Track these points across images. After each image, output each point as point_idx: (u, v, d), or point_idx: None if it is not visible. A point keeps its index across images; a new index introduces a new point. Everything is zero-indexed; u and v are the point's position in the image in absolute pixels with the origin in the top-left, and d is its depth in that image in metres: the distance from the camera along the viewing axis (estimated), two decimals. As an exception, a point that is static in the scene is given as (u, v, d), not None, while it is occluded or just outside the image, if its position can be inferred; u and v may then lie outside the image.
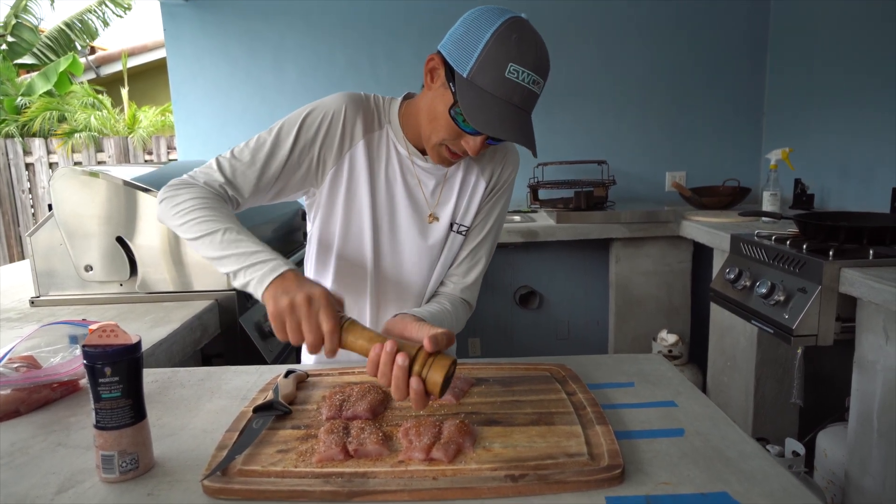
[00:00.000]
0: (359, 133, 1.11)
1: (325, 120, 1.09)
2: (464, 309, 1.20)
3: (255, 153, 1.07)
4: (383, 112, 1.15)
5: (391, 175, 1.14)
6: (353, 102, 1.11)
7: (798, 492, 0.69)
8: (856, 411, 1.64)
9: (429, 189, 1.16)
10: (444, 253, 1.20)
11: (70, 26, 7.53)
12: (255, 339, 1.68)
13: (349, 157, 1.11)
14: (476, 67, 0.95)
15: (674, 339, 2.70)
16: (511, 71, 0.93)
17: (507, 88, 0.94)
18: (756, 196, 2.98)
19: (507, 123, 0.96)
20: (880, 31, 2.29)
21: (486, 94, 0.95)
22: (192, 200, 0.98)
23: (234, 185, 1.06)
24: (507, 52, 0.93)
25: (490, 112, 0.95)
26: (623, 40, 3.05)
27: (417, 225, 1.16)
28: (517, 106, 0.96)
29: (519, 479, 0.69)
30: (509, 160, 1.21)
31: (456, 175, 1.18)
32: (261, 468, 0.73)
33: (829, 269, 1.63)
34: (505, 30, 0.94)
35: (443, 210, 1.17)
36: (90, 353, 0.72)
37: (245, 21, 2.99)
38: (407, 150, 1.14)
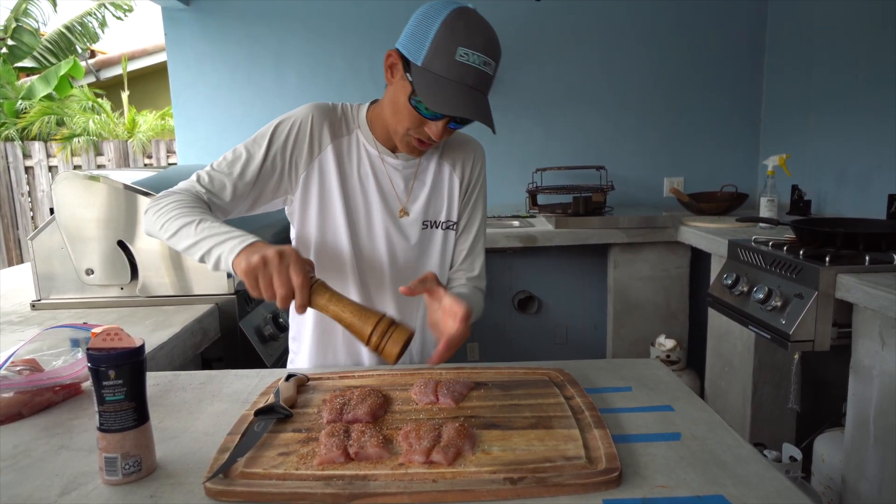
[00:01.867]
0: (326, 139, 1.18)
1: (294, 128, 1.16)
2: (478, 297, 1.27)
3: (233, 163, 1.14)
4: (351, 118, 1.22)
5: (363, 174, 1.21)
6: (319, 111, 1.18)
7: (793, 495, 0.70)
8: (852, 416, 1.65)
9: (400, 186, 1.23)
10: (433, 250, 1.26)
11: (70, 29, 7.55)
12: (254, 342, 1.69)
13: (318, 161, 1.18)
14: (429, 55, 1.02)
15: (671, 344, 2.70)
16: (461, 54, 1.00)
17: (459, 71, 1.01)
18: (753, 202, 3.00)
19: (462, 103, 1.02)
20: (878, 38, 2.31)
21: (440, 79, 1.02)
22: (172, 204, 1.05)
23: (214, 192, 1.12)
24: (455, 37, 1.00)
25: (445, 94, 1.02)
26: (621, 46, 3.07)
27: (390, 219, 1.22)
28: (471, 86, 1.02)
29: (517, 482, 0.70)
30: (477, 155, 1.30)
31: (427, 172, 1.25)
32: (262, 470, 0.74)
33: (825, 275, 1.64)
34: (452, 18, 1.01)
35: (414, 205, 1.24)
36: (94, 356, 0.72)
37: (245, 26, 3.00)
38: (377, 149, 1.21)
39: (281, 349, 1.83)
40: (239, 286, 1.70)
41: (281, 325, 1.83)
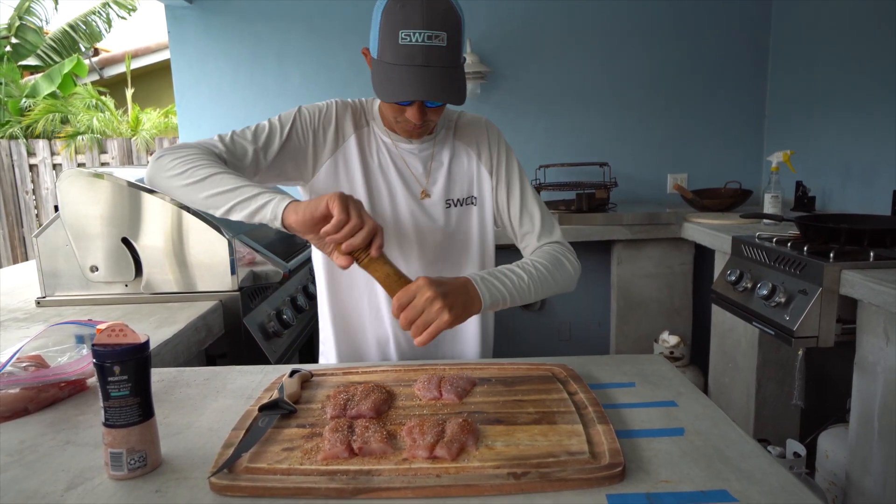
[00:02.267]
0: (350, 130, 1.22)
1: (319, 116, 1.20)
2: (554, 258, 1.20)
3: (257, 134, 1.16)
4: (368, 111, 1.25)
5: (383, 162, 1.23)
6: (341, 105, 1.23)
7: (797, 490, 0.70)
8: (856, 413, 1.64)
9: (418, 169, 1.25)
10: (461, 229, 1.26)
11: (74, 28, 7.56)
12: (258, 339, 1.69)
13: (343, 151, 1.21)
14: (379, 46, 1.04)
15: (675, 340, 2.70)
16: (403, 37, 1.01)
17: (405, 54, 1.01)
18: (758, 198, 2.99)
19: (408, 84, 1.02)
20: (882, 34, 2.30)
21: (390, 66, 1.03)
22: (196, 154, 1.05)
23: (235, 155, 1.12)
24: (394, 21, 1.01)
25: (392, 82, 1.03)
26: (625, 43, 3.06)
27: (413, 202, 1.24)
28: (421, 65, 1.02)
29: (521, 477, 0.70)
30: (490, 129, 1.30)
31: (443, 153, 1.26)
32: (267, 466, 0.74)
33: (829, 271, 1.63)
34: (390, 3, 1.02)
35: (434, 187, 1.25)
36: (100, 352, 0.73)
37: (248, 24, 3.00)
38: (390, 137, 1.23)
39: (285, 345, 1.83)
40: (243, 283, 1.70)
41: (285, 322, 1.83)
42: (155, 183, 1.08)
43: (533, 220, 1.27)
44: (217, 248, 1.66)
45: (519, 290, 1.09)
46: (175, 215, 1.65)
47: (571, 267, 1.22)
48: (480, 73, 2.86)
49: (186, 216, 1.65)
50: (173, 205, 1.64)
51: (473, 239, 1.29)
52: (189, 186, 1.02)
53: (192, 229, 1.65)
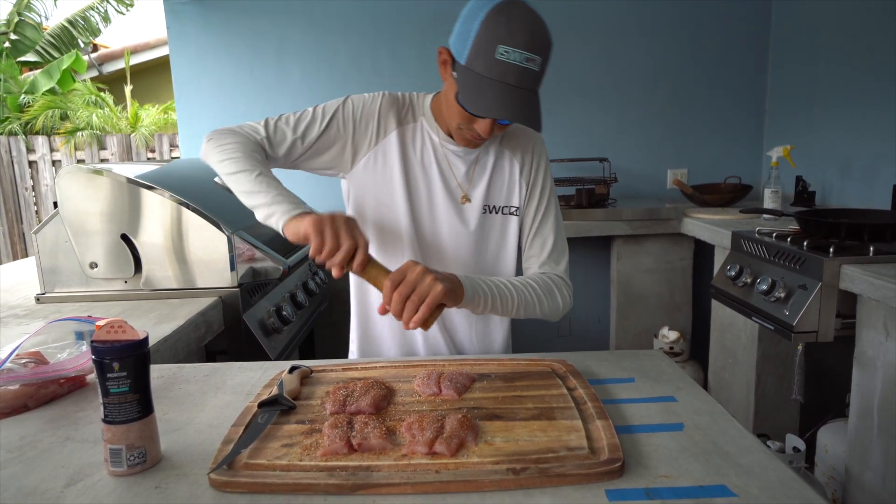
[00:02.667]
0: (392, 125, 1.21)
1: (359, 112, 1.20)
2: (547, 286, 1.20)
3: (298, 123, 1.19)
4: (417, 106, 1.24)
5: (426, 161, 1.23)
6: (387, 99, 1.22)
7: (795, 484, 0.70)
8: (856, 407, 1.65)
9: (461, 172, 1.23)
10: (494, 235, 1.26)
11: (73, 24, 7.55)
12: (258, 335, 1.69)
13: (383, 146, 1.21)
14: (471, 54, 1.01)
15: (675, 335, 2.70)
16: (501, 52, 0.98)
17: (500, 70, 0.99)
18: (758, 193, 2.98)
19: (501, 104, 1.01)
20: (883, 28, 2.29)
21: (481, 78, 1.01)
22: (235, 144, 1.12)
23: (272, 142, 1.17)
24: (496, 34, 0.98)
25: (484, 95, 1.01)
26: (625, 37, 3.05)
27: (452, 206, 1.23)
28: (513, 85, 1.00)
29: (520, 473, 0.70)
30: (537, 143, 1.28)
31: (487, 159, 1.25)
32: (266, 462, 0.74)
33: (829, 266, 1.63)
34: (494, 14, 0.99)
35: (475, 191, 1.24)
36: (99, 348, 0.73)
37: (248, 19, 2.99)
38: (439, 137, 1.22)
39: (285, 341, 1.83)
40: (242, 279, 1.70)
41: (285, 318, 1.83)
42: (206, 161, 1.16)
43: (544, 246, 1.25)
44: (216, 245, 1.66)
45: (502, 300, 1.09)
46: (174, 211, 1.64)
47: (562, 300, 1.21)
48: (480, 68, 2.85)
49: (186, 212, 1.65)
50: (172, 201, 1.64)
51: (508, 248, 1.27)
52: (225, 177, 1.10)
53: (192, 225, 1.65)
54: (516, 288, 1.13)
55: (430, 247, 1.24)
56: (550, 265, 1.25)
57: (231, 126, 1.18)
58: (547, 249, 1.25)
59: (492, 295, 1.07)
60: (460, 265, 1.24)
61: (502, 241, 1.27)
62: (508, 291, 1.11)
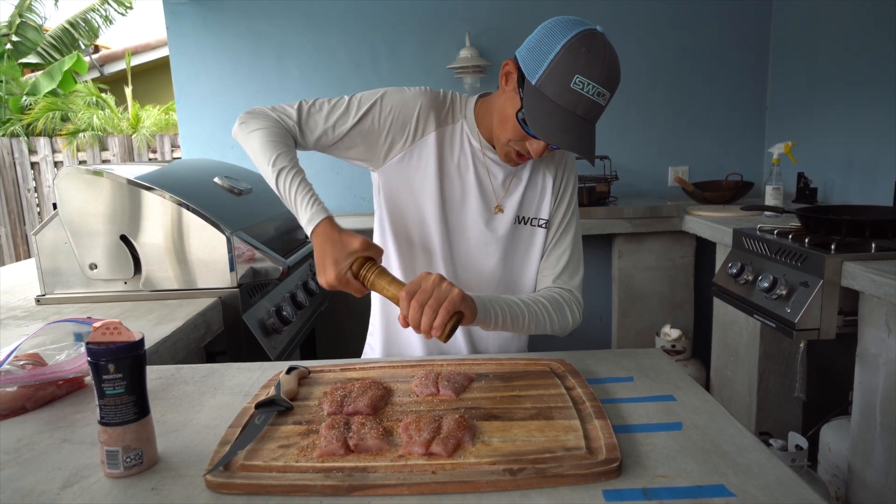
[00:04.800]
0: (431, 126, 1.18)
1: (397, 108, 1.17)
2: (558, 303, 1.19)
3: (331, 112, 1.17)
4: (459, 108, 1.22)
5: (463, 165, 1.21)
6: (429, 98, 1.19)
7: (794, 484, 0.69)
8: (858, 405, 1.64)
9: (498, 181, 1.22)
10: (521, 246, 1.25)
11: (74, 25, 7.56)
12: (258, 336, 1.69)
13: (419, 145, 1.18)
14: (544, 76, 1.00)
15: (677, 333, 2.70)
16: (577, 82, 0.98)
17: (571, 99, 0.99)
18: (759, 190, 2.98)
19: (566, 133, 1.00)
20: (884, 24, 2.28)
21: (550, 103, 1.00)
22: (262, 130, 1.11)
23: (303, 129, 1.17)
24: (574, 63, 0.98)
25: (551, 120, 1.00)
26: (625, 35, 3.05)
27: (484, 214, 1.22)
28: (580, 116, 1.00)
29: (517, 473, 0.70)
30: (570, 158, 1.30)
31: (524, 170, 1.24)
32: (263, 463, 0.74)
33: (831, 263, 1.63)
34: (576, 42, 0.98)
35: (509, 202, 1.23)
36: (94, 350, 0.73)
37: (247, 19, 2.99)
38: (480, 143, 1.21)
39: (285, 342, 1.83)
40: (242, 280, 1.70)
41: (284, 318, 1.83)
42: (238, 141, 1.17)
43: (560, 259, 1.25)
44: (216, 245, 1.66)
45: (513, 318, 1.09)
46: (174, 212, 1.64)
47: (572, 317, 1.20)
48: (480, 66, 2.85)
49: (185, 213, 1.64)
50: (172, 202, 1.64)
51: (533, 260, 1.26)
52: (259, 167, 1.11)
53: (191, 226, 1.65)
54: (527, 306, 1.12)
55: (457, 252, 1.23)
56: (564, 279, 1.24)
57: (263, 108, 1.17)
58: (562, 263, 1.24)
59: (502, 314, 1.07)
60: (486, 273, 1.23)
61: (528, 252, 1.26)
62: (520, 310, 1.10)
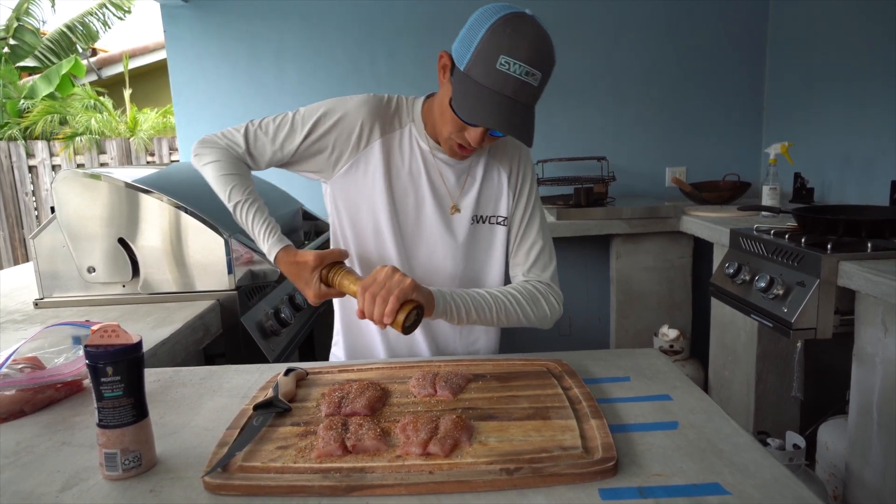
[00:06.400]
0: (376, 134, 1.18)
1: (341, 121, 1.17)
2: (532, 294, 1.18)
3: (277, 132, 1.18)
4: (405, 112, 1.21)
5: (415, 169, 1.20)
6: (372, 105, 1.18)
7: (790, 482, 0.70)
8: (855, 404, 1.64)
9: (451, 181, 1.22)
10: (481, 246, 1.25)
11: (71, 29, 7.56)
12: (256, 338, 1.69)
13: (365, 155, 1.18)
14: (471, 61, 1.00)
15: (675, 334, 2.70)
16: (502, 63, 0.97)
17: (498, 80, 0.98)
18: (756, 190, 2.98)
19: (496, 114, 1.00)
20: (880, 24, 2.29)
21: (478, 87, 0.99)
22: (214, 164, 1.17)
23: (252, 154, 1.20)
24: (499, 44, 0.97)
25: (478, 103, 1.00)
26: (622, 36, 3.05)
27: (441, 217, 1.21)
28: (510, 98, 0.99)
29: (514, 473, 0.71)
30: (523, 152, 1.28)
31: (478, 169, 1.23)
32: (261, 464, 0.75)
33: (827, 263, 1.63)
34: (500, 24, 0.98)
35: (465, 201, 1.22)
36: (92, 353, 0.73)
37: (245, 22, 3.00)
38: (429, 144, 1.20)
39: (283, 344, 1.83)
40: (240, 282, 1.70)
41: (283, 321, 1.83)
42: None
43: (529, 254, 1.24)
44: (214, 248, 1.66)
45: (478, 310, 1.09)
46: (172, 215, 1.65)
47: (549, 308, 1.18)
48: (477, 68, 2.85)
49: (183, 216, 1.65)
50: (170, 205, 1.64)
51: (495, 258, 1.26)
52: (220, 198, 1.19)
53: (189, 229, 1.65)
54: (495, 298, 1.11)
55: (415, 257, 1.22)
56: (536, 272, 1.23)
57: (214, 136, 1.21)
58: (532, 257, 1.23)
59: (465, 305, 1.06)
60: (447, 275, 1.22)
61: (489, 250, 1.26)
62: (486, 302, 1.10)
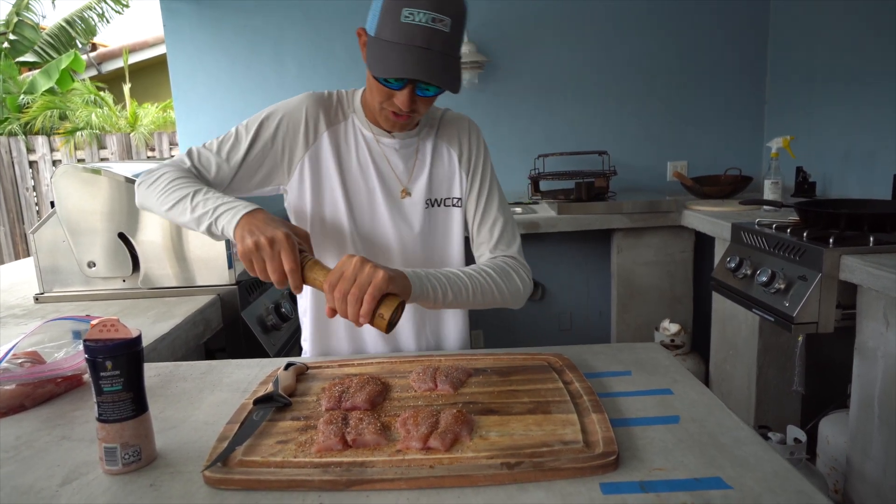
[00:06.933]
0: (322, 127, 1.18)
1: (284, 121, 1.16)
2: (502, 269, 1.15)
3: (223, 144, 1.16)
4: (347, 103, 1.21)
5: (363, 160, 1.19)
6: (313, 100, 1.18)
7: (791, 476, 0.69)
8: (857, 398, 1.64)
9: (399, 167, 1.20)
10: (439, 229, 1.22)
11: (71, 24, 7.54)
12: (257, 332, 1.69)
13: (314, 150, 1.17)
14: (379, 24, 1.01)
15: (676, 328, 2.70)
16: (406, 15, 0.97)
17: (406, 33, 0.98)
18: (758, 185, 2.97)
19: (408, 63, 0.99)
20: (882, 18, 2.28)
21: (389, 45, 1.00)
22: (164, 177, 1.09)
23: (200, 169, 1.14)
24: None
25: (389, 58, 1.00)
26: (623, 30, 3.04)
27: (393, 202, 1.20)
28: (423, 47, 0.99)
29: (514, 467, 0.70)
30: (471, 127, 1.26)
31: (426, 152, 1.22)
32: (261, 459, 0.74)
33: (829, 257, 1.63)
34: None
35: (416, 186, 1.21)
36: (91, 347, 0.73)
37: (244, 16, 2.99)
38: (372, 132, 1.19)
39: (284, 338, 1.83)
40: (241, 277, 1.70)
41: (283, 315, 1.83)
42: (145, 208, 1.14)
43: (492, 231, 1.21)
44: (214, 242, 1.66)
45: (455, 290, 1.04)
46: (171, 210, 1.64)
47: (521, 282, 1.15)
48: (478, 62, 2.84)
49: (183, 210, 1.64)
50: (169, 199, 1.64)
51: (454, 241, 1.24)
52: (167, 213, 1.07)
53: (189, 223, 1.65)
54: (469, 276, 1.08)
55: (375, 246, 1.20)
56: (502, 248, 1.20)
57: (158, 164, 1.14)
58: (496, 234, 1.21)
59: (441, 287, 1.02)
60: (407, 263, 1.20)
61: (447, 234, 1.24)
62: (461, 280, 1.06)
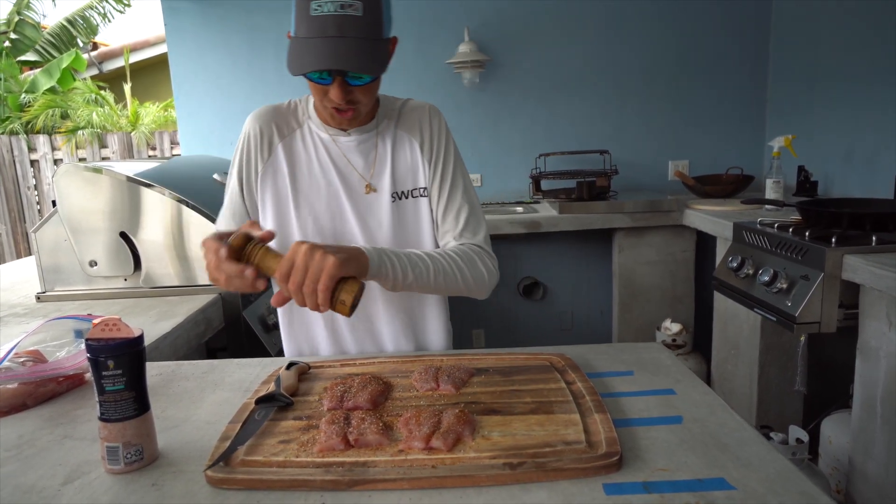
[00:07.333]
0: (276, 140, 1.19)
1: (242, 145, 1.19)
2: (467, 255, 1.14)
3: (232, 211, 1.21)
4: (300, 110, 1.21)
5: (323, 162, 1.19)
6: (262, 112, 1.20)
7: (794, 476, 0.69)
8: (859, 398, 1.64)
9: (360, 163, 1.19)
10: (409, 221, 1.21)
11: (72, 23, 7.54)
12: (258, 332, 1.69)
13: (272, 162, 1.19)
14: (295, 23, 1.01)
15: (678, 328, 2.70)
16: (314, 8, 0.98)
17: (318, 26, 0.98)
18: (760, 184, 2.97)
19: (320, 54, 0.98)
20: (884, 17, 2.27)
21: (304, 41, 1.00)
22: None
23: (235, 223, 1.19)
24: None
25: (302, 55, 1.00)
26: (624, 29, 3.04)
27: (359, 200, 1.19)
28: (334, 36, 0.98)
29: (517, 467, 0.70)
30: (432, 113, 1.23)
31: (386, 146, 1.20)
32: (263, 458, 0.74)
33: (831, 256, 1.62)
34: None
35: (380, 180, 1.19)
36: (93, 346, 0.73)
37: (246, 15, 2.98)
38: (328, 133, 1.19)
39: (285, 338, 1.83)
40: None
41: (285, 314, 1.83)
42: None
43: (458, 218, 1.19)
44: (215, 242, 1.66)
45: (415, 271, 1.03)
46: (174, 209, 1.64)
47: (486, 270, 1.14)
48: (479, 61, 2.84)
49: (185, 210, 1.64)
50: (171, 198, 1.64)
51: (425, 232, 1.21)
52: None
53: (191, 223, 1.65)
54: (432, 258, 1.07)
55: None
56: (467, 236, 1.18)
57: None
58: (461, 222, 1.19)
59: (402, 265, 1.01)
60: None
61: (418, 225, 1.21)
62: (423, 262, 1.05)
